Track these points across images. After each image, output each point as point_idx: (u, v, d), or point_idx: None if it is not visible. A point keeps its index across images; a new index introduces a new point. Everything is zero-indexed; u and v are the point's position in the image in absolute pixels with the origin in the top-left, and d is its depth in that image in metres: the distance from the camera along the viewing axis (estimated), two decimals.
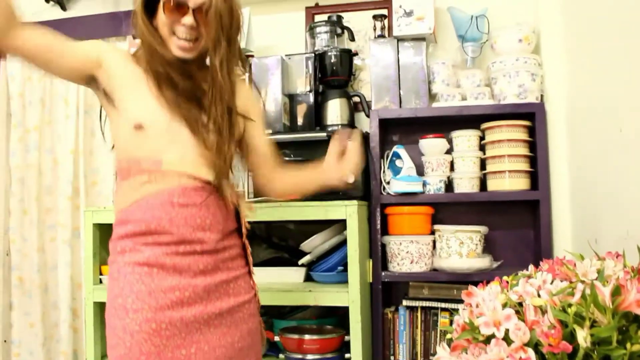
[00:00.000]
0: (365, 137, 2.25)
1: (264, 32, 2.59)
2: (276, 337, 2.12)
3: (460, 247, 2.15)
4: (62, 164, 2.82)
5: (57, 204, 2.83)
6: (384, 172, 2.29)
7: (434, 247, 2.24)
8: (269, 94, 2.30)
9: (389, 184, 2.26)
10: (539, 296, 0.99)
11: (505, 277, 1.15)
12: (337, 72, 2.39)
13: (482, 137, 2.30)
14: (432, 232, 2.25)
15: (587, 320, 0.90)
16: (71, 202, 2.78)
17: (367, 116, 2.38)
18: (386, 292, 2.33)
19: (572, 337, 0.90)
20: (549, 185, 2.19)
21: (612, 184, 1.73)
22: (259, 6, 2.57)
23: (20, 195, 2.87)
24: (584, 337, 0.89)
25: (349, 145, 1.56)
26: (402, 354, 2.25)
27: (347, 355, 2.02)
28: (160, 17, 1.42)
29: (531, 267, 1.19)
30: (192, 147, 1.43)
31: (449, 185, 2.32)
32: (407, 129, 2.46)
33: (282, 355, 2.11)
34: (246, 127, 1.53)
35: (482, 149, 2.30)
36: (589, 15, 1.96)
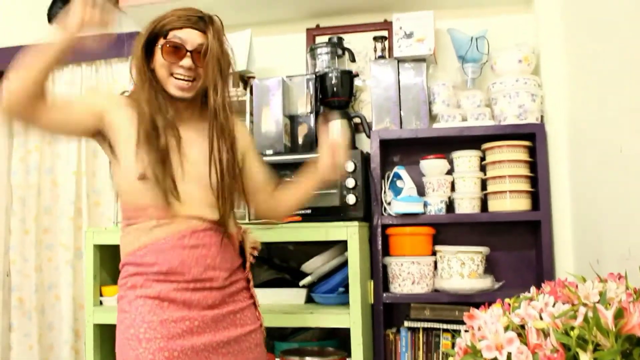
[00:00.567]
0: (365, 158, 2.26)
1: (265, 53, 2.61)
2: None
3: (461, 267, 2.14)
4: (64, 184, 2.83)
5: (59, 224, 2.82)
6: (384, 192, 2.29)
7: (435, 267, 2.23)
8: (270, 115, 2.31)
9: (389, 204, 2.26)
10: (541, 319, 0.99)
11: (507, 299, 1.14)
12: (337, 93, 2.40)
13: (482, 158, 2.31)
14: (434, 253, 2.25)
15: (590, 343, 0.90)
16: (73, 222, 2.78)
17: (368, 137, 2.39)
18: (387, 313, 2.31)
19: None
20: (550, 205, 2.19)
21: (613, 203, 1.73)
22: (260, 28, 2.59)
23: (21, 214, 2.87)
24: None
25: (333, 133, 1.63)
26: None
27: None
28: (158, 59, 1.44)
29: (533, 289, 1.18)
30: (197, 189, 1.45)
31: (450, 205, 2.32)
32: (407, 150, 2.46)
33: None
34: (244, 159, 1.57)
35: (482, 169, 2.30)
36: (589, 35, 1.97)
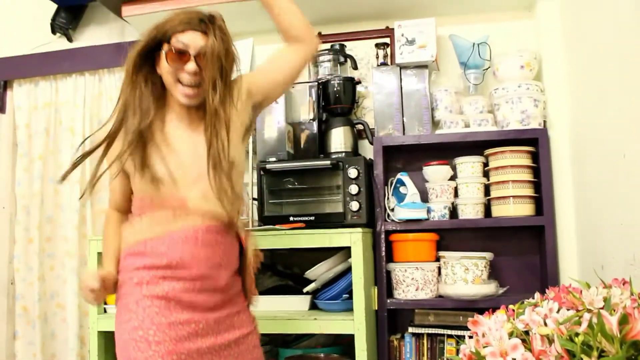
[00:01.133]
0: (368, 165, 2.26)
1: None
2: None
3: (465, 273, 2.14)
4: (68, 193, 2.84)
5: (63, 232, 2.83)
6: (388, 199, 2.29)
7: (439, 273, 2.23)
8: (273, 122, 2.32)
9: (393, 211, 2.26)
10: (546, 325, 0.99)
11: (511, 306, 1.14)
12: (340, 100, 2.41)
13: (485, 164, 2.31)
14: (437, 259, 2.25)
15: (595, 350, 0.90)
16: (78, 231, 2.79)
17: (371, 143, 2.39)
18: (392, 320, 2.31)
19: None
20: (553, 210, 2.19)
21: (618, 209, 1.73)
22: (262, 36, 2.59)
23: (25, 223, 2.88)
24: None
25: None
26: None
27: None
28: (163, 66, 1.45)
29: (537, 294, 1.18)
30: (208, 187, 1.45)
31: (454, 211, 2.31)
32: (410, 156, 2.47)
33: None
34: (261, 83, 1.62)
35: (485, 175, 2.30)
36: (590, 40, 1.97)
